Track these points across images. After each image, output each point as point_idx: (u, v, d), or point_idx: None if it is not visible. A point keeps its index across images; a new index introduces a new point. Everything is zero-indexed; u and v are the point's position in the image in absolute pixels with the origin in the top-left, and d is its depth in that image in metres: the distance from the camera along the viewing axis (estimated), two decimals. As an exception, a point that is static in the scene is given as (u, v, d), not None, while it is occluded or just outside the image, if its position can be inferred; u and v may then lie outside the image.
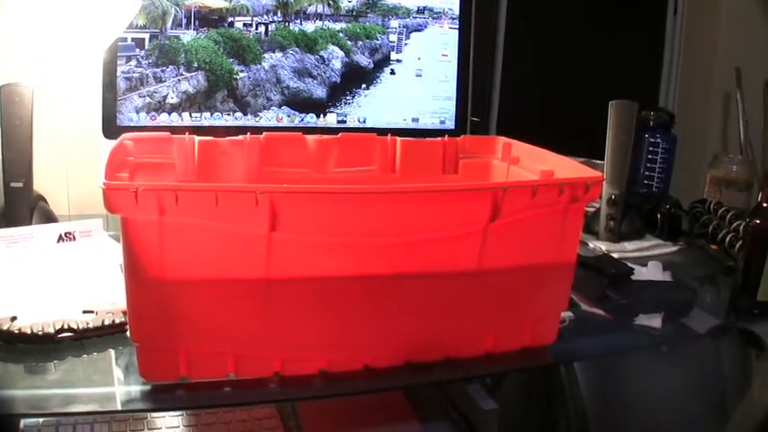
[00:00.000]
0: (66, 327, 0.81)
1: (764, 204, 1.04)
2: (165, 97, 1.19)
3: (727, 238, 1.29)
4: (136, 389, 0.75)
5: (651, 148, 1.50)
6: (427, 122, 1.37)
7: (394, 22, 1.32)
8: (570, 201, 0.82)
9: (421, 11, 1.33)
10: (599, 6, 2.10)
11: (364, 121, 1.33)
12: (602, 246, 1.30)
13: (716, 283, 1.23)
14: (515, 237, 0.80)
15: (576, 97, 2.00)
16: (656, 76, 2.22)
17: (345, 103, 1.31)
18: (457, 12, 1.36)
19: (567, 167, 0.91)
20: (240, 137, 0.97)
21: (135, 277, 0.71)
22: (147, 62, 1.18)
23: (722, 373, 1.28)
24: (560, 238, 0.84)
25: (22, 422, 0.93)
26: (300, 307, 0.76)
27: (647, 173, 1.51)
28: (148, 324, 0.73)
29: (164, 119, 1.20)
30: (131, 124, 1.18)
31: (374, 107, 1.33)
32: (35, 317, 0.82)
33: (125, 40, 1.16)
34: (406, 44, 1.34)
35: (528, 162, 1.01)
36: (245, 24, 1.22)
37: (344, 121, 1.31)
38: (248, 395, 0.78)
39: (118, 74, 1.16)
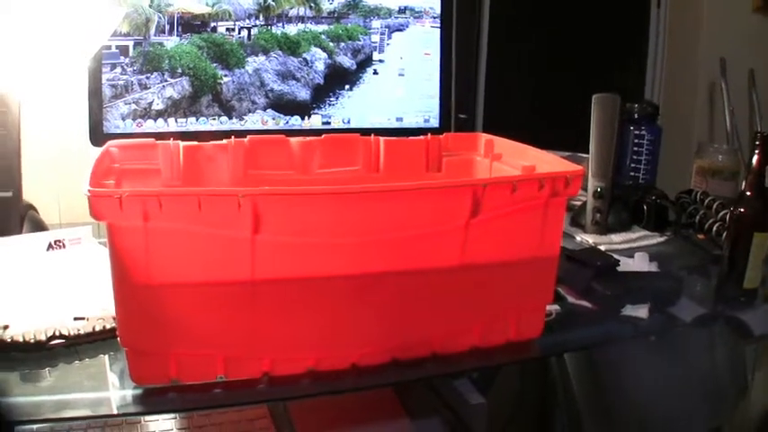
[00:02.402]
0: (57, 334, 0.82)
1: (748, 193, 1.05)
2: (150, 104, 1.20)
3: (714, 228, 1.29)
4: (128, 393, 0.76)
5: (636, 140, 1.50)
6: (411, 121, 1.37)
7: (376, 23, 1.33)
8: (551, 195, 0.82)
9: (402, 11, 1.34)
10: (583, 1, 2.11)
11: (349, 122, 1.33)
12: (590, 239, 1.31)
13: (703, 272, 1.23)
14: (497, 232, 0.81)
15: (562, 91, 2.01)
16: (641, 68, 2.23)
17: (329, 105, 1.32)
18: (438, 10, 1.36)
19: (549, 162, 0.92)
20: (224, 141, 0.98)
21: (122, 283, 0.72)
22: (131, 69, 1.18)
23: (715, 361, 1.29)
24: (542, 233, 0.84)
25: (16, 429, 0.93)
26: (287, 307, 0.76)
27: (632, 165, 1.52)
28: (137, 328, 0.74)
29: (150, 125, 1.21)
30: (118, 131, 1.18)
31: (358, 107, 1.34)
32: (27, 325, 0.82)
33: (109, 47, 1.17)
34: (388, 44, 1.34)
35: (510, 158, 1.02)
36: (227, 29, 1.23)
37: (329, 123, 1.32)
38: (238, 396, 0.79)
39: (103, 81, 1.17)
